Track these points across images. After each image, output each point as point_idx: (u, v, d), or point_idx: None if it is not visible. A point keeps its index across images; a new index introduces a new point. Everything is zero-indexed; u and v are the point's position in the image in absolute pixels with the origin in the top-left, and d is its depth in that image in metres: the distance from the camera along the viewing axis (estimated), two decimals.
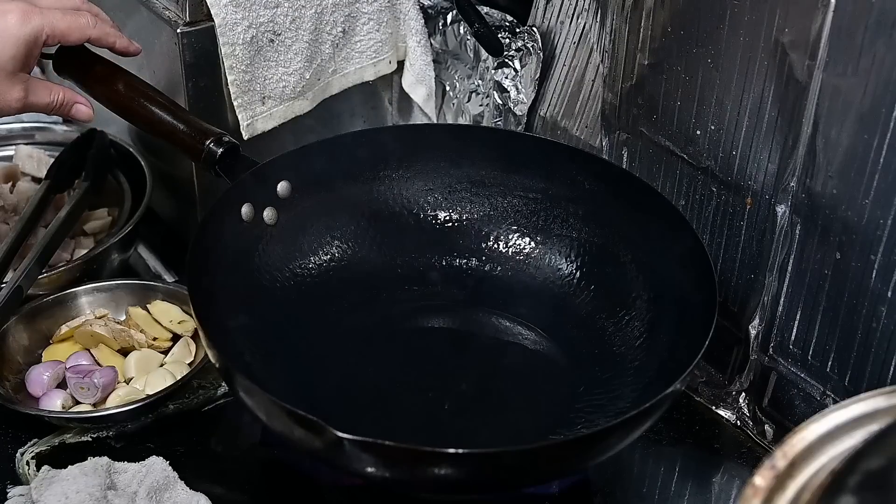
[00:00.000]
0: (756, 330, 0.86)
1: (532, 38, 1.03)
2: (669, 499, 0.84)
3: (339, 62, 1.02)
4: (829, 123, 0.74)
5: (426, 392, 0.84)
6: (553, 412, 0.83)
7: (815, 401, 0.83)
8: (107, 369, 0.87)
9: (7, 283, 0.87)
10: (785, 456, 0.54)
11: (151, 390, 0.86)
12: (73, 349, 0.90)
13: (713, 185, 0.86)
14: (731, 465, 0.86)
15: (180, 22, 0.92)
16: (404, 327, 0.91)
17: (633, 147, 0.94)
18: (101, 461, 0.79)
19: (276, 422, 0.69)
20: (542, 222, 0.94)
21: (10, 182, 1.05)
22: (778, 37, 0.75)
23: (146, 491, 0.75)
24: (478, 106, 1.09)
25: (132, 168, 1.04)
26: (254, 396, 0.70)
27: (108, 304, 0.94)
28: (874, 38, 0.68)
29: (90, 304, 0.93)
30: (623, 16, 0.90)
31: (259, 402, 0.70)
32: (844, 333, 0.78)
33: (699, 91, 0.84)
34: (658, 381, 0.77)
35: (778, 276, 0.83)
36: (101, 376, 0.85)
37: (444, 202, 0.96)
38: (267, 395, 0.68)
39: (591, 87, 0.99)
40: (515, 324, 0.91)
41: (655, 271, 0.86)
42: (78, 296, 0.93)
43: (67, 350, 0.90)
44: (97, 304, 0.93)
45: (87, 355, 0.90)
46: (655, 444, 0.86)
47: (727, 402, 0.90)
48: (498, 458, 0.67)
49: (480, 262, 0.95)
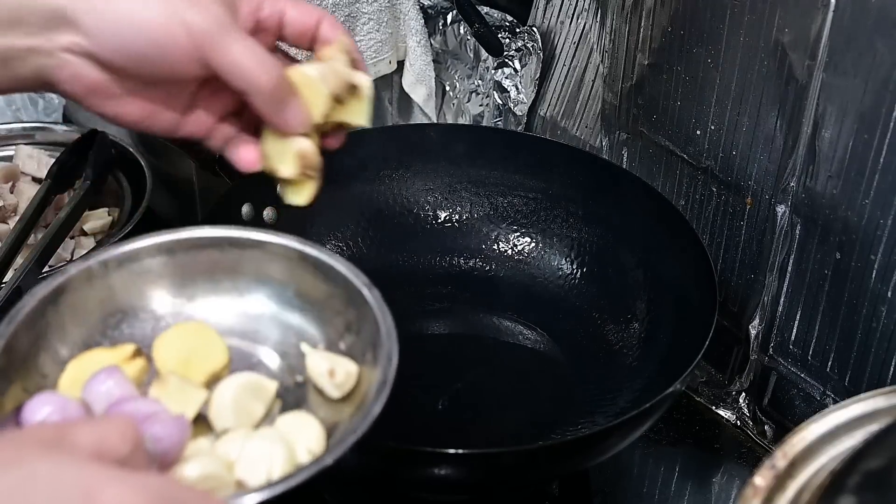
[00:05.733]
0: (756, 330, 0.86)
1: (532, 38, 1.03)
2: (669, 499, 0.84)
3: None
4: (829, 123, 0.74)
5: (426, 392, 0.84)
6: (553, 412, 0.83)
7: (815, 401, 0.83)
8: (168, 419, 0.49)
9: (7, 283, 0.86)
10: (785, 456, 0.54)
11: (270, 472, 0.51)
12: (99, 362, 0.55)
13: (713, 185, 0.86)
14: (731, 465, 0.87)
15: None
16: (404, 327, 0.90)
17: (633, 147, 0.94)
18: None
19: None
20: (542, 222, 0.94)
21: (10, 182, 1.05)
22: (778, 37, 0.75)
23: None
24: (478, 106, 1.10)
25: (132, 168, 1.04)
26: None
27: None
28: (874, 38, 0.68)
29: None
30: (623, 16, 0.90)
31: None
32: (844, 333, 0.78)
33: (699, 91, 0.84)
34: (658, 381, 0.77)
35: (778, 276, 0.83)
36: (162, 430, 0.48)
37: (444, 202, 0.96)
38: None
39: (591, 87, 0.99)
40: (515, 323, 0.91)
41: (655, 271, 0.86)
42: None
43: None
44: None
45: (121, 378, 0.53)
46: (655, 444, 0.86)
47: (727, 402, 0.90)
48: (498, 458, 0.67)
49: (480, 262, 0.95)
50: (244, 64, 0.57)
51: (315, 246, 0.59)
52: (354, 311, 0.57)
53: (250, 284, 0.60)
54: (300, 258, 0.59)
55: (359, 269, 0.58)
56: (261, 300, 0.60)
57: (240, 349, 0.59)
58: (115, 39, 0.56)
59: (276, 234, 0.60)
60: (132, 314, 0.59)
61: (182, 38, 0.56)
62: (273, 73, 0.58)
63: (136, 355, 0.55)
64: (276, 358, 0.59)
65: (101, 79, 0.58)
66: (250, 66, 0.57)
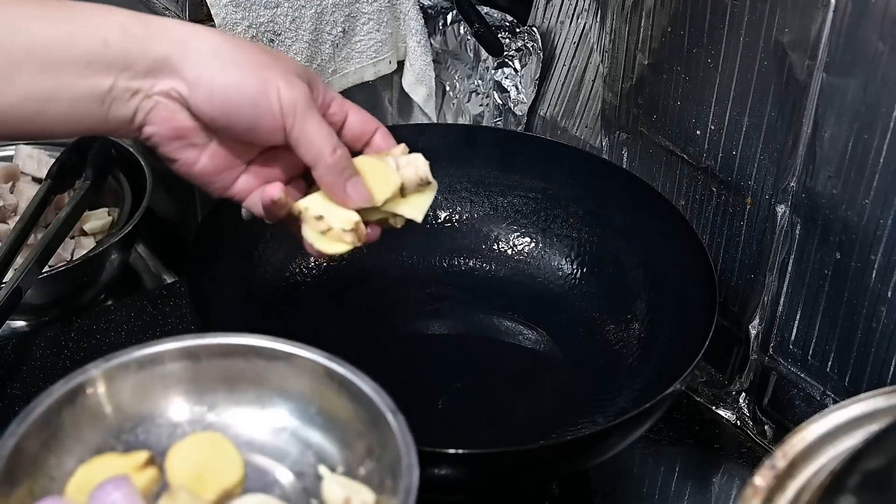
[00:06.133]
0: (756, 330, 0.86)
1: (532, 38, 1.03)
2: (669, 499, 0.84)
3: (339, 62, 1.02)
4: (828, 123, 0.74)
5: (426, 392, 0.84)
6: (553, 412, 0.83)
7: (815, 401, 0.83)
8: None
9: (7, 283, 0.86)
10: (785, 456, 0.54)
11: None
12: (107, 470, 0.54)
13: (713, 185, 0.86)
14: (731, 465, 0.87)
15: None
16: (404, 327, 0.91)
17: (633, 147, 0.94)
18: None
19: None
20: (542, 222, 0.94)
21: (10, 182, 1.05)
22: (778, 37, 0.75)
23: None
24: (478, 106, 1.10)
25: (132, 168, 1.04)
26: None
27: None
28: (874, 38, 0.68)
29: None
30: (623, 16, 0.90)
31: None
32: (844, 333, 0.78)
33: (699, 91, 0.84)
34: (658, 381, 0.77)
35: (778, 276, 0.83)
36: None
37: (444, 202, 0.96)
38: None
39: (591, 87, 0.99)
40: (515, 323, 0.91)
41: (655, 271, 0.86)
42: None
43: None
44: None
45: (128, 490, 0.52)
46: (655, 444, 0.86)
47: (727, 402, 0.90)
48: (498, 458, 0.67)
49: (480, 262, 0.95)
50: (316, 139, 0.64)
51: (342, 363, 0.57)
52: (377, 435, 0.55)
53: (273, 397, 0.59)
54: (326, 374, 0.57)
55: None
56: (282, 414, 0.59)
57: (256, 465, 0.57)
58: (213, 93, 0.62)
59: (304, 347, 0.58)
60: (149, 419, 0.58)
61: (274, 106, 0.62)
62: (338, 151, 0.65)
63: (148, 464, 0.54)
64: (292, 477, 0.57)
65: (189, 126, 0.63)
66: (321, 142, 0.64)
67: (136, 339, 0.95)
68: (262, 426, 0.59)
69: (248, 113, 0.62)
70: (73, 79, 0.59)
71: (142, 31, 0.61)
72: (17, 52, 0.58)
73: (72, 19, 0.60)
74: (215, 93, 0.62)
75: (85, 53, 0.59)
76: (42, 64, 0.59)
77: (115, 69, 0.60)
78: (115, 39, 0.60)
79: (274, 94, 0.62)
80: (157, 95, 0.62)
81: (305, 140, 0.64)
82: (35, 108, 0.60)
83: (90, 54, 0.59)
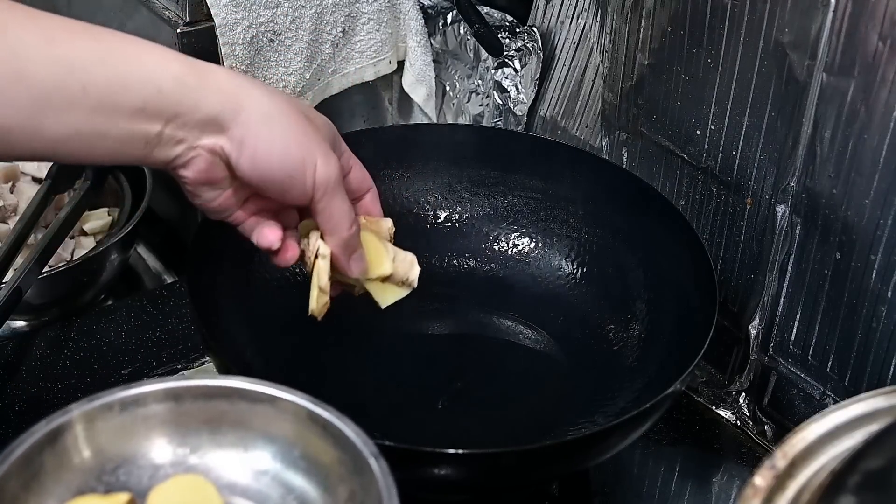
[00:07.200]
0: (756, 330, 0.86)
1: (532, 38, 1.03)
2: (669, 499, 0.84)
3: (339, 62, 1.02)
4: (829, 123, 0.74)
5: (426, 392, 0.84)
6: (553, 412, 0.83)
7: (815, 401, 0.83)
8: None
9: (7, 283, 0.86)
10: (785, 456, 0.54)
11: None
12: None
13: (713, 185, 0.86)
14: (731, 465, 0.87)
15: (180, 22, 0.92)
16: (405, 327, 0.91)
17: (633, 147, 0.94)
18: None
19: None
20: (542, 222, 0.94)
21: (10, 182, 1.05)
22: (778, 37, 0.75)
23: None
24: (478, 106, 1.10)
25: (132, 168, 1.04)
26: None
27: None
28: (874, 38, 0.68)
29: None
30: (623, 16, 0.90)
31: None
32: (844, 333, 0.78)
33: (699, 91, 0.84)
34: (658, 381, 0.77)
35: (778, 276, 0.83)
36: None
37: (444, 202, 0.96)
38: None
39: (591, 87, 0.99)
40: (515, 323, 0.91)
41: (655, 271, 0.86)
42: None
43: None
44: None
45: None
46: (655, 444, 0.86)
47: (727, 402, 0.90)
48: (498, 458, 0.67)
49: (480, 262, 0.95)
50: (337, 214, 0.68)
51: (326, 407, 0.57)
52: (359, 480, 0.55)
53: (256, 440, 0.58)
54: (309, 417, 0.57)
55: (368, 436, 0.55)
56: (265, 457, 0.58)
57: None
58: (257, 159, 0.64)
59: (287, 390, 0.58)
60: (131, 460, 0.57)
61: (308, 182, 0.66)
62: (353, 228, 0.70)
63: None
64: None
65: (222, 177, 0.66)
66: (341, 217, 0.68)
67: (136, 339, 0.95)
68: (245, 469, 0.58)
69: (283, 182, 0.65)
70: (124, 121, 0.60)
71: (195, 81, 0.62)
72: (72, 90, 0.59)
73: (127, 62, 0.61)
74: (258, 159, 0.64)
75: (139, 99, 0.60)
76: (96, 104, 0.59)
77: (164, 117, 0.61)
78: (169, 89, 0.61)
79: (311, 171, 0.65)
80: (202, 148, 0.63)
81: (328, 213, 0.68)
82: (83, 144, 0.61)
83: (144, 101, 0.60)
